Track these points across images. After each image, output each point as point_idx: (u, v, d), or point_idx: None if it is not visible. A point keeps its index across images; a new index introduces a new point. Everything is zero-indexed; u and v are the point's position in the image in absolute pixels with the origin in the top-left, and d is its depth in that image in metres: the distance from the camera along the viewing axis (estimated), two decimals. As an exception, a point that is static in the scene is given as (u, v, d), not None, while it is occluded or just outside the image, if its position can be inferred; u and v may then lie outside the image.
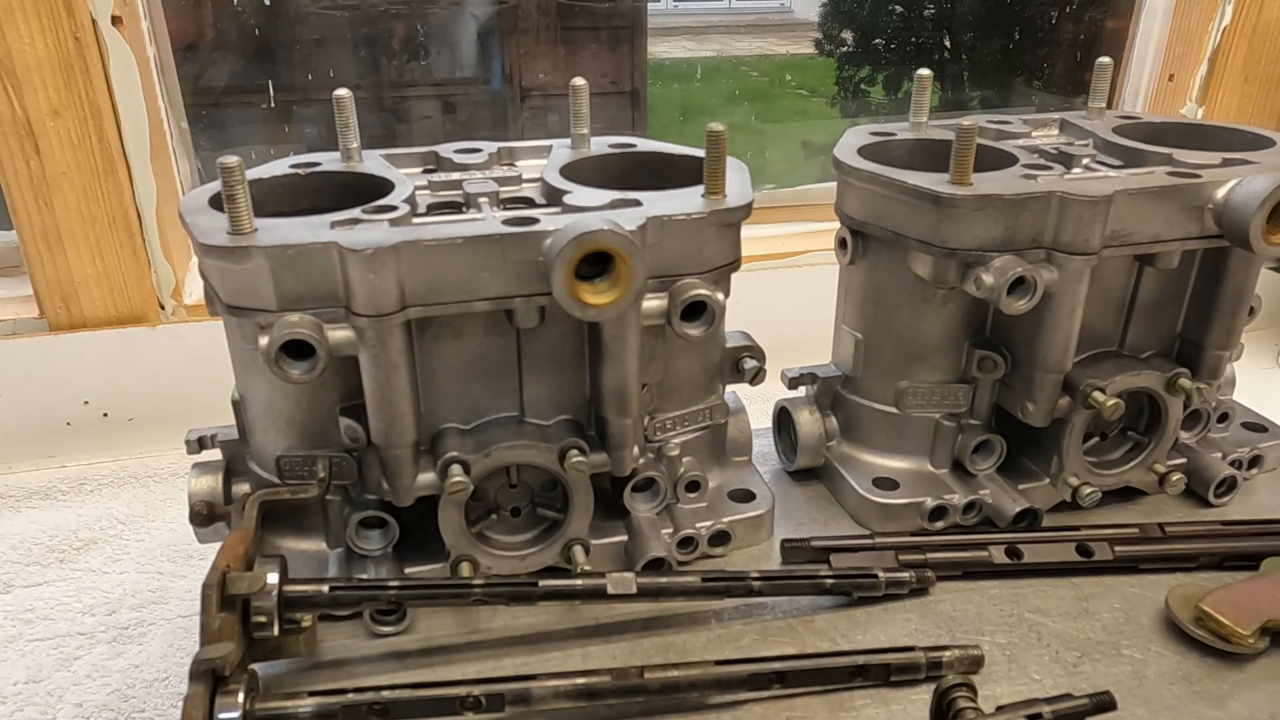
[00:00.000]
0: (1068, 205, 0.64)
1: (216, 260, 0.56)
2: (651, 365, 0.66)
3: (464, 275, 0.56)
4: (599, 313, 0.56)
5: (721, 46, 3.71)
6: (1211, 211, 0.66)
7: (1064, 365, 0.69)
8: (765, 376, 0.71)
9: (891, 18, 2.33)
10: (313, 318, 0.55)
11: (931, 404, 0.75)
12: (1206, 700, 0.59)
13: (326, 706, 0.53)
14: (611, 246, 0.54)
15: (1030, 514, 0.73)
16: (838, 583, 0.65)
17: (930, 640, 0.63)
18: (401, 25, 1.37)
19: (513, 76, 1.48)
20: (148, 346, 0.93)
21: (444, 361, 0.62)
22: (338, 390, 0.61)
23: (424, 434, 0.62)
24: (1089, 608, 0.67)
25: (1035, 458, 0.76)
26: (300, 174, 0.68)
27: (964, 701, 0.53)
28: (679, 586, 0.63)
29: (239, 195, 0.55)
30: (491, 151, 0.73)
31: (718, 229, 0.62)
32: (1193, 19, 1.16)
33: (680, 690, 0.57)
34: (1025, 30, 1.78)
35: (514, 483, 0.65)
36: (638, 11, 1.66)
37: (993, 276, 0.64)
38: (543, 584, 0.60)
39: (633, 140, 0.77)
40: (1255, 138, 0.77)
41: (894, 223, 0.70)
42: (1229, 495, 0.78)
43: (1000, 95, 1.82)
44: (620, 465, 0.64)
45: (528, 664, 0.62)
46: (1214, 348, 0.73)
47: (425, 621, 0.65)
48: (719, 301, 0.62)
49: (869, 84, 2.41)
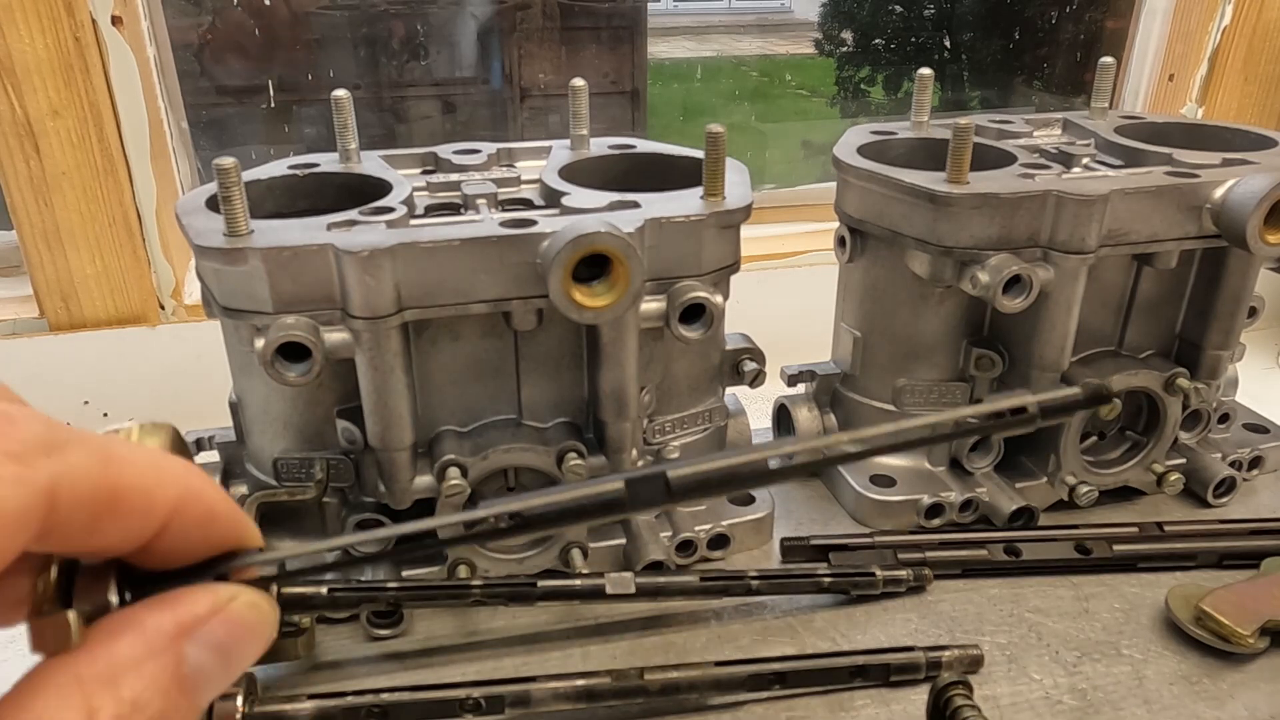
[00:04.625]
0: (1064, 204, 0.64)
1: (212, 262, 0.56)
2: (650, 368, 0.66)
3: (461, 277, 0.56)
4: (596, 315, 0.56)
5: (722, 46, 3.71)
6: (1209, 211, 0.66)
7: (1061, 364, 0.69)
8: (765, 379, 0.71)
9: (891, 18, 2.33)
10: (309, 320, 0.55)
11: (929, 402, 0.75)
12: (1206, 700, 0.59)
13: (325, 709, 0.53)
14: (609, 249, 0.54)
15: (1027, 512, 0.73)
16: (835, 581, 0.65)
17: (930, 640, 0.63)
18: (401, 25, 1.38)
19: (513, 76, 1.48)
20: (147, 346, 0.93)
21: (441, 364, 0.62)
22: (335, 392, 0.61)
23: (421, 436, 0.62)
24: (1089, 607, 0.67)
25: (1033, 456, 0.76)
26: (298, 175, 0.68)
27: (961, 700, 0.53)
28: (678, 586, 0.63)
29: (235, 197, 0.55)
30: (490, 153, 0.73)
31: (717, 231, 0.62)
32: (1193, 19, 1.16)
33: (680, 691, 0.57)
34: (1025, 30, 1.78)
35: (512, 485, 0.65)
36: (638, 11, 1.66)
37: (988, 275, 0.64)
38: (541, 584, 0.60)
39: (632, 141, 0.77)
40: (1258, 138, 0.77)
41: (892, 221, 0.70)
42: (1228, 496, 0.78)
43: (1000, 95, 1.82)
44: (619, 468, 0.64)
45: (527, 664, 0.62)
46: (1213, 348, 0.73)
47: (424, 623, 0.65)
48: (718, 304, 0.62)
49: (869, 84, 2.41)
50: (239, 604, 0.27)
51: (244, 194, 0.55)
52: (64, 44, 0.83)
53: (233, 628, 0.27)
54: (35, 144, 0.85)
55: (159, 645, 0.25)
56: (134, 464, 0.25)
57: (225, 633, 0.26)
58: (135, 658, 0.24)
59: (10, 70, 0.82)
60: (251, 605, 0.27)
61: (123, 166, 0.89)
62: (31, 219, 0.88)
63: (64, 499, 0.23)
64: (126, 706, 0.23)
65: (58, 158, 0.86)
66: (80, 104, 0.85)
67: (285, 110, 1.26)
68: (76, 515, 0.24)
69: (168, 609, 0.26)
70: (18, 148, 0.85)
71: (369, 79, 1.34)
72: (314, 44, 1.26)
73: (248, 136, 1.26)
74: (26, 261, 0.90)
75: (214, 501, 0.28)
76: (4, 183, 0.86)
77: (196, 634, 0.26)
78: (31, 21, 0.82)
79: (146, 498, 0.26)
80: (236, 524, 0.28)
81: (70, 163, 0.87)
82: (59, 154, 0.86)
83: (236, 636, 0.27)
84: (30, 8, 0.81)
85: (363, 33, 1.32)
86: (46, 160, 0.86)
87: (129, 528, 0.25)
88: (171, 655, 0.25)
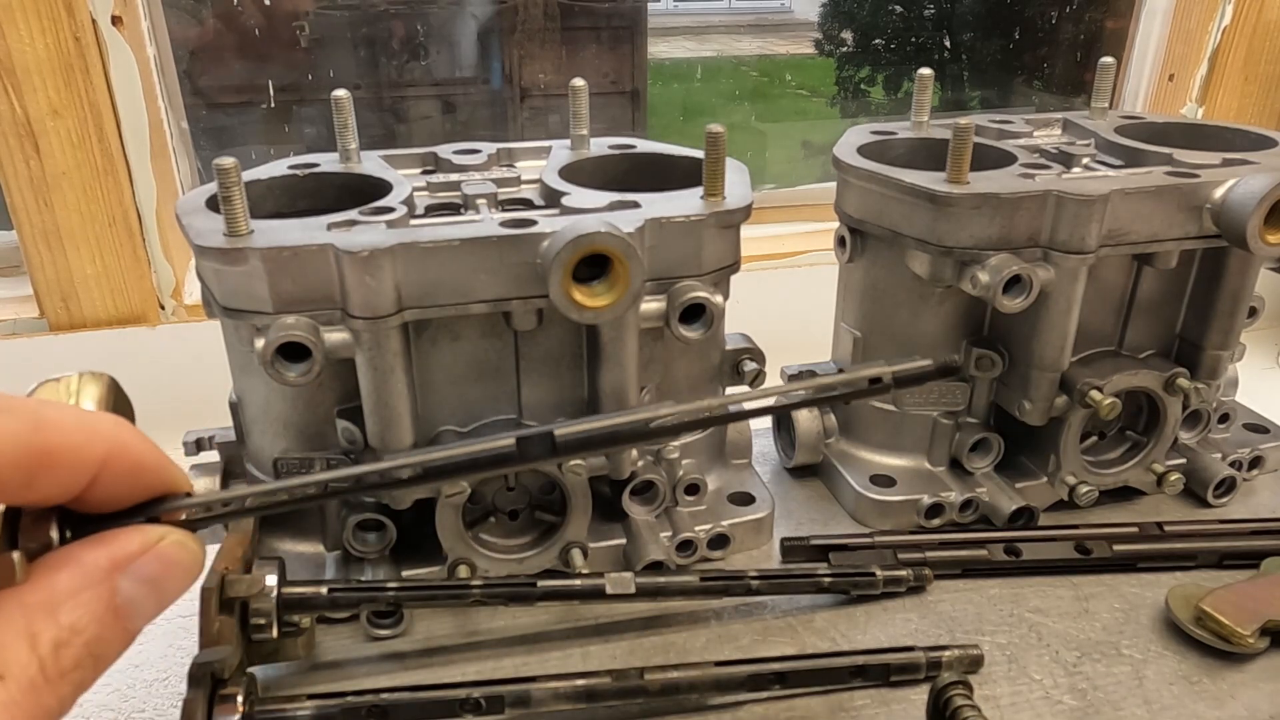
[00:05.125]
0: (1064, 204, 0.64)
1: (212, 262, 0.56)
2: (650, 368, 0.66)
3: (461, 277, 0.56)
4: (596, 315, 0.56)
5: (722, 46, 3.71)
6: (1209, 211, 0.66)
7: (1061, 364, 0.69)
8: (765, 379, 0.71)
9: (891, 18, 2.33)
10: (309, 320, 0.55)
11: (929, 402, 0.75)
12: (1206, 700, 0.59)
13: (325, 709, 0.53)
14: (609, 249, 0.54)
15: (1027, 512, 0.73)
16: (835, 581, 0.65)
17: (930, 640, 0.63)
18: (401, 25, 1.38)
19: (513, 76, 1.48)
20: (147, 346, 0.93)
21: (441, 364, 0.62)
22: (335, 392, 0.61)
23: (421, 436, 0.62)
24: (1089, 608, 0.67)
25: (1033, 456, 0.76)
26: (298, 175, 0.68)
27: (961, 700, 0.53)
28: (678, 586, 0.63)
29: (235, 197, 0.55)
30: (490, 152, 0.73)
31: (716, 231, 0.62)
32: (1193, 19, 1.16)
33: (680, 691, 0.57)
34: (1025, 30, 1.78)
35: (512, 485, 0.65)
36: (638, 11, 1.66)
37: (988, 275, 0.64)
38: (541, 584, 0.60)
39: (632, 141, 0.77)
40: (1258, 138, 0.77)
41: (892, 221, 0.70)
42: (1228, 496, 0.78)
43: (1000, 95, 1.82)
44: (619, 468, 0.64)
45: (527, 664, 0.62)
46: (1213, 348, 0.73)
47: (424, 623, 0.65)
48: (718, 304, 0.62)
49: (869, 84, 2.41)
50: (167, 543, 0.30)
51: (244, 194, 0.55)
52: (64, 44, 0.83)
53: (162, 563, 0.30)
54: (35, 144, 0.85)
55: (95, 578, 0.28)
56: (61, 425, 0.29)
57: (155, 568, 0.30)
58: (73, 589, 0.28)
59: (10, 70, 0.82)
60: (178, 544, 0.31)
61: (123, 166, 0.89)
62: (31, 219, 0.88)
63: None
64: (65, 631, 0.27)
65: (58, 158, 0.86)
66: (80, 104, 0.85)
67: (285, 110, 1.26)
68: (12, 473, 0.27)
69: (102, 546, 0.29)
70: (18, 148, 0.85)
71: (369, 79, 1.34)
72: (313, 44, 1.26)
73: (247, 137, 1.26)
74: (26, 261, 0.90)
75: (141, 453, 0.31)
76: (4, 183, 0.86)
77: (129, 569, 0.29)
78: (31, 21, 0.82)
79: (75, 454, 0.29)
80: (164, 471, 0.32)
81: (70, 163, 0.87)
82: (59, 154, 0.86)
83: (165, 571, 0.30)
84: (30, 8, 0.81)
85: (362, 33, 1.32)
86: (46, 160, 0.86)
87: (61, 481, 0.29)
88: (106, 587, 0.28)
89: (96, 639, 0.28)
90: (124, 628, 0.29)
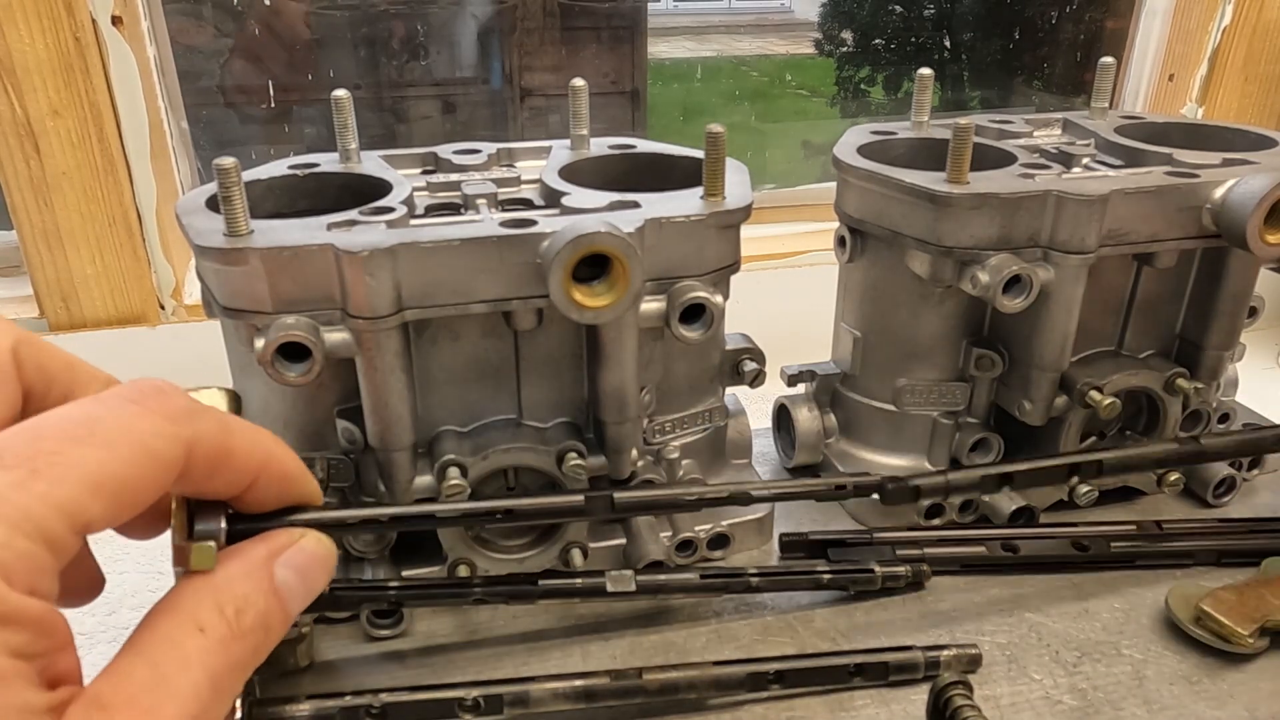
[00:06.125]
0: (1064, 204, 0.64)
1: (212, 262, 0.56)
2: (650, 368, 0.66)
3: (461, 277, 0.56)
4: (596, 315, 0.56)
5: (721, 46, 3.71)
6: (1209, 211, 0.66)
7: (1060, 364, 0.69)
8: (765, 379, 0.71)
9: (891, 18, 2.33)
10: (309, 320, 0.55)
11: (929, 402, 0.75)
12: (1206, 700, 0.59)
13: (324, 710, 0.53)
14: (609, 249, 0.54)
15: (1026, 511, 0.73)
16: (835, 577, 0.65)
17: (929, 640, 0.63)
18: (401, 25, 1.38)
19: (513, 76, 1.48)
20: (148, 346, 0.93)
21: (441, 364, 0.62)
22: (335, 392, 0.61)
23: (421, 436, 0.62)
24: (1089, 607, 0.67)
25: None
26: (298, 175, 0.68)
27: (961, 699, 0.53)
28: (678, 583, 0.63)
29: (235, 197, 0.55)
30: (490, 152, 0.73)
31: (717, 231, 0.62)
32: (1193, 19, 1.16)
33: (679, 691, 0.57)
34: (1025, 30, 1.78)
35: (512, 485, 0.65)
36: (638, 11, 1.66)
37: (988, 275, 0.64)
38: (542, 583, 0.60)
39: (632, 141, 0.77)
40: (1258, 138, 0.77)
41: (892, 221, 0.70)
42: (1228, 496, 0.78)
43: (1000, 95, 1.82)
44: (619, 468, 0.64)
45: (527, 664, 0.62)
46: (1213, 348, 0.73)
47: (423, 623, 0.65)
48: (718, 304, 0.62)
49: (869, 84, 2.41)
50: (308, 539, 0.38)
51: (244, 194, 0.55)
52: (64, 44, 0.83)
53: (306, 556, 0.37)
54: (35, 144, 0.85)
55: (258, 564, 0.35)
56: (241, 432, 0.35)
57: (301, 559, 0.37)
58: (244, 572, 0.35)
59: (10, 70, 0.82)
60: (317, 540, 0.38)
61: (123, 166, 0.89)
62: (31, 219, 0.88)
63: (197, 452, 0.33)
64: (242, 601, 0.34)
65: (58, 158, 0.86)
66: (80, 104, 0.85)
67: (285, 110, 1.26)
68: (203, 465, 0.34)
69: (260, 542, 0.36)
70: (18, 148, 0.85)
71: (369, 79, 1.34)
72: (313, 44, 1.26)
73: (247, 137, 1.26)
74: (26, 261, 0.90)
75: (290, 465, 0.39)
76: (4, 183, 0.86)
77: (281, 559, 0.36)
78: (31, 21, 0.82)
79: (248, 457, 0.36)
80: (305, 484, 0.40)
81: (70, 163, 0.87)
82: (59, 154, 0.86)
83: (309, 562, 0.37)
84: (30, 8, 0.81)
85: (363, 33, 1.32)
86: (46, 160, 0.86)
87: (233, 479, 0.36)
88: (266, 571, 0.35)
89: (266, 611, 0.34)
90: (283, 607, 0.35)
